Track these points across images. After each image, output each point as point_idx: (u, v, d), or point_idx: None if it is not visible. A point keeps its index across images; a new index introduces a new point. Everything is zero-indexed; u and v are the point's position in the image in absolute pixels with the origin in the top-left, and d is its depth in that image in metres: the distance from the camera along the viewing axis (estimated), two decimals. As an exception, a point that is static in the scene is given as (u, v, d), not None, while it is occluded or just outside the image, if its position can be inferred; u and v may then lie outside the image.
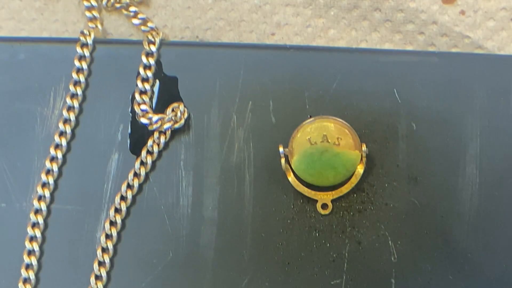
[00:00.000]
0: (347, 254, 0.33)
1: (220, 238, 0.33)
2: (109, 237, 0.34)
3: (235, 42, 0.38)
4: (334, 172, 0.32)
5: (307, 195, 0.33)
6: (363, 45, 0.37)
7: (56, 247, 0.34)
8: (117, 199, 0.34)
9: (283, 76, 0.34)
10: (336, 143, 0.32)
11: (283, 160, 0.33)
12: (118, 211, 0.34)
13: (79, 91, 0.35)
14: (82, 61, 0.35)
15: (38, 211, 0.34)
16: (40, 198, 0.34)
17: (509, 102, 0.34)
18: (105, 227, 0.34)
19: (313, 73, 0.34)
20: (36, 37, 0.39)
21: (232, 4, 0.38)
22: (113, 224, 0.34)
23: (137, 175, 0.34)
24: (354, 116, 0.34)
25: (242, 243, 0.33)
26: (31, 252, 0.34)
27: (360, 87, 0.34)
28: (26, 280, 0.34)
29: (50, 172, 0.34)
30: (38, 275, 0.34)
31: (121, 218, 0.34)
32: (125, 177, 0.34)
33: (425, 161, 0.33)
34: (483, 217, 0.33)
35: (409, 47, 0.37)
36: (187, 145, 0.34)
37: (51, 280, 0.34)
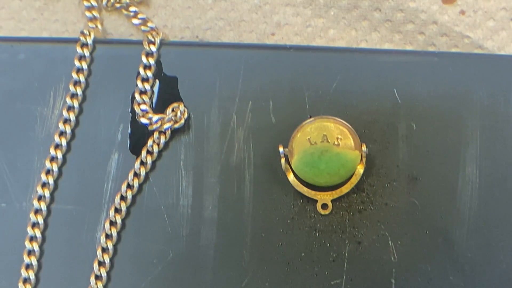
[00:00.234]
0: (347, 254, 0.33)
1: (220, 238, 0.33)
2: (109, 237, 0.34)
3: (235, 42, 0.38)
4: (334, 172, 0.32)
5: (307, 195, 0.33)
6: (363, 45, 0.37)
7: (56, 247, 0.34)
8: (117, 199, 0.34)
9: (283, 76, 0.34)
10: (336, 143, 0.32)
11: (283, 160, 0.33)
12: (118, 211, 0.34)
13: (79, 91, 0.35)
14: (82, 61, 0.35)
15: (38, 211, 0.34)
16: (40, 198, 0.34)
17: (509, 102, 0.34)
18: (105, 227, 0.34)
19: (313, 73, 0.34)
20: (36, 37, 0.39)
21: (232, 4, 0.38)
22: (113, 224, 0.34)
23: (137, 175, 0.34)
24: (354, 116, 0.34)
25: (242, 243, 0.33)
26: (31, 252, 0.34)
27: (360, 87, 0.34)
28: (26, 280, 0.34)
29: (50, 172, 0.34)
30: (38, 275, 0.34)
31: (121, 218, 0.34)
32: (125, 177, 0.34)
33: (425, 161, 0.33)
34: (483, 217, 0.33)
35: (409, 47, 0.37)
36: (187, 145, 0.34)
37: (51, 280, 0.34)
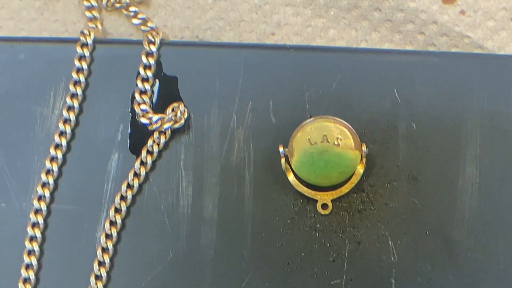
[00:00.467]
0: (347, 254, 0.33)
1: (220, 238, 0.33)
2: (109, 237, 0.34)
3: (235, 42, 0.38)
4: (334, 172, 0.32)
5: (307, 195, 0.33)
6: (363, 45, 0.37)
7: (56, 247, 0.34)
8: (117, 199, 0.34)
9: (283, 76, 0.34)
10: (336, 143, 0.32)
11: (283, 160, 0.33)
12: (118, 211, 0.34)
13: (79, 91, 0.35)
14: (82, 61, 0.35)
15: (38, 211, 0.34)
16: (40, 198, 0.34)
17: (509, 102, 0.34)
18: (105, 227, 0.34)
19: (313, 73, 0.34)
20: (36, 37, 0.39)
21: (232, 4, 0.38)
22: (113, 224, 0.34)
23: (137, 175, 0.34)
24: (354, 116, 0.34)
25: (242, 243, 0.33)
26: (31, 252, 0.34)
27: (360, 87, 0.34)
28: (26, 280, 0.34)
29: (50, 172, 0.34)
30: (38, 275, 0.34)
31: (121, 218, 0.34)
32: (125, 177, 0.34)
33: (425, 161, 0.33)
34: (483, 217, 0.33)
35: (409, 47, 0.37)
36: (187, 145, 0.34)
37: (51, 280, 0.34)
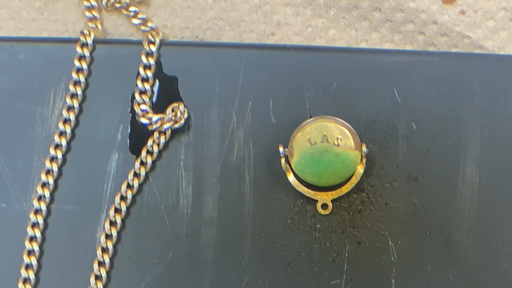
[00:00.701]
0: (347, 254, 0.33)
1: (220, 238, 0.33)
2: (109, 237, 0.34)
3: (235, 42, 0.38)
4: (334, 172, 0.32)
5: (307, 195, 0.33)
6: (363, 45, 0.37)
7: (56, 247, 0.34)
8: (117, 199, 0.34)
9: (283, 76, 0.34)
10: (336, 143, 0.32)
11: (283, 160, 0.33)
12: (118, 211, 0.34)
13: (79, 91, 0.35)
14: (82, 61, 0.35)
15: (38, 211, 0.34)
16: (40, 198, 0.34)
17: (509, 102, 0.34)
18: (105, 227, 0.34)
19: (313, 73, 0.34)
20: (36, 37, 0.39)
21: (232, 4, 0.38)
22: (113, 224, 0.34)
23: (137, 175, 0.34)
24: (354, 116, 0.34)
25: (242, 243, 0.33)
26: (31, 252, 0.34)
27: (360, 87, 0.34)
28: (26, 280, 0.34)
29: (50, 172, 0.34)
30: (38, 275, 0.34)
31: (121, 218, 0.34)
32: (125, 177, 0.34)
33: (425, 161, 0.33)
34: (483, 217, 0.33)
35: (409, 47, 0.37)
36: (187, 145, 0.34)
37: (51, 280, 0.34)
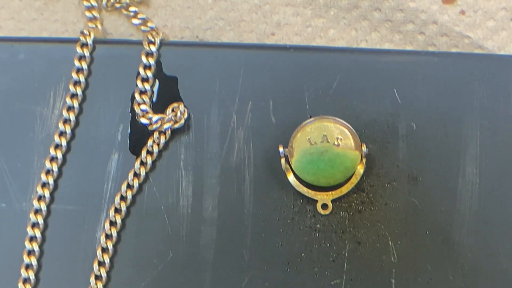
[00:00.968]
0: (347, 254, 0.33)
1: (220, 238, 0.33)
2: (109, 237, 0.34)
3: (235, 42, 0.38)
4: (334, 172, 0.32)
5: (307, 195, 0.33)
6: (363, 45, 0.37)
7: (56, 247, 0.34)
8: (117, 199, 0.34)
9: (283, 76, 0.34)
10: (336, 143, 0.32)
11: (283, 160, 0.33)
12: (118, 211, 0.34)
13: (79, 91, 0.35)
14: (82, 61, 0.35)
15: (38, 211, 0.34)
16: (40, 198, 0.34)
17: (509, 102, 0.34)
18: (105, 227, 0.34)
19: (313, 73, 0.34)
20: (36, 37, 0.39)
21: (232, 4, 0.38)
22: (113, 224, 0.34)
23: (137, 175, 0.34)
24: (354, 116, 0.34)
25: (242, 243, 0.33)
26: (31, 252, 0.34)
27: (360, 87, 0.34)
28: (26, 280, 0.34)
29: (50, 172, 0.34)
30: (38, 275, 0.34)
31: (121, 218, 0.34)
32: (125, 177, 0.34)
33: (425, 161, 0.33)
34: (483, 217, 0.33)
35: (409, 47, 0.37)
36: (187, 145, 0.34)
37: (51, 280, 0.34)
